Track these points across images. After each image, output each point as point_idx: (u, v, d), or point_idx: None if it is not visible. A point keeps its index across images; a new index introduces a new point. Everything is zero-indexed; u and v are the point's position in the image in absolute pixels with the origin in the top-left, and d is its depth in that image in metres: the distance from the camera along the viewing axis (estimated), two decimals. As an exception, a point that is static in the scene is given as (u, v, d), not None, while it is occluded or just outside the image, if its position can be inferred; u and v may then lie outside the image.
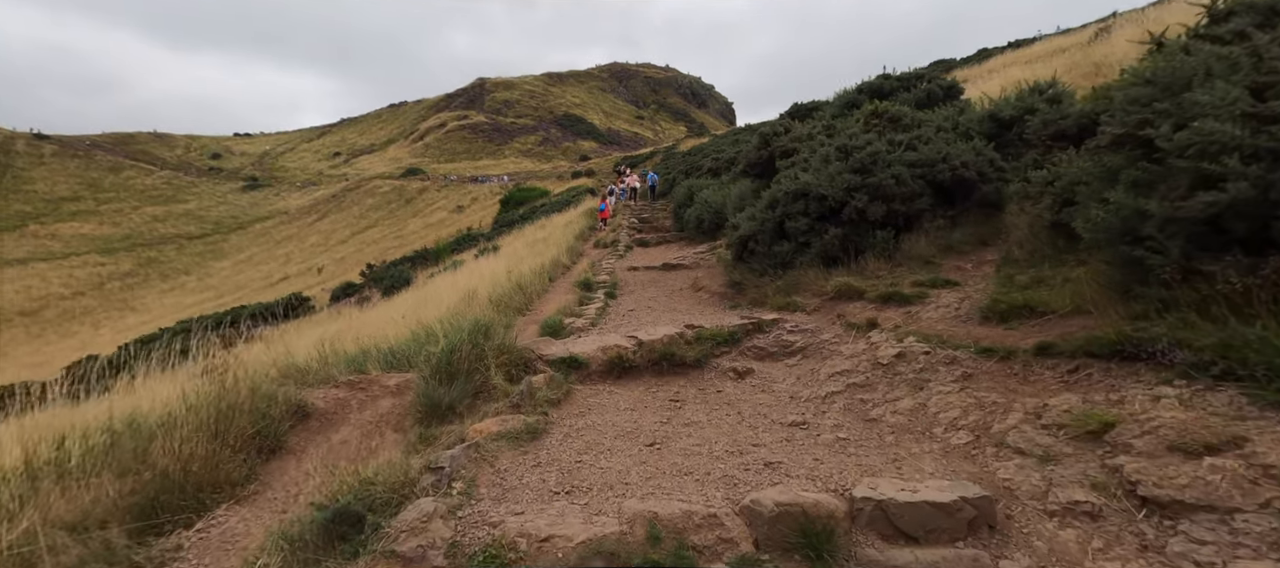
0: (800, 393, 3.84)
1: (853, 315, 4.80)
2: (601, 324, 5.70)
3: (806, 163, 6.66)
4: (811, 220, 6.00)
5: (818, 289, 5.66)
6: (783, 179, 6.51)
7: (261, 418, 3.03)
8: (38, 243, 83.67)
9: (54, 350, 42.99)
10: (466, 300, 7.54)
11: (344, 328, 11.82)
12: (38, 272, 75.18)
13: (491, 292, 8.13)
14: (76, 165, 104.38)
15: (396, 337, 5.71)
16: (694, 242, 15.19)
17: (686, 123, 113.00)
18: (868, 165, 5.64)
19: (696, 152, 33.98)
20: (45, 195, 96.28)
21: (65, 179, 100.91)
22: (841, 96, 9.20)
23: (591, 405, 3.76)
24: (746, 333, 4.97)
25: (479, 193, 66.55)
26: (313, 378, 3.88)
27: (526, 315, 7.38)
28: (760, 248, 6.56)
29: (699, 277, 9.58)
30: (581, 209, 25.14)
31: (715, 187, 15.88)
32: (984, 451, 2.47)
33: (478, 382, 3.65)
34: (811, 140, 8.10)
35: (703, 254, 12.60)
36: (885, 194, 5.43)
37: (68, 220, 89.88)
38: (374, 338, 6.50)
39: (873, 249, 5.50)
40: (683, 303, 7.37)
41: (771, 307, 5.98)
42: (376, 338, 6.26)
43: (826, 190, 5.78)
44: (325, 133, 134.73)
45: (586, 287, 8.19)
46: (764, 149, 8.52)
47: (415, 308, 8.50)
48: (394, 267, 32.70)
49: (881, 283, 5.13)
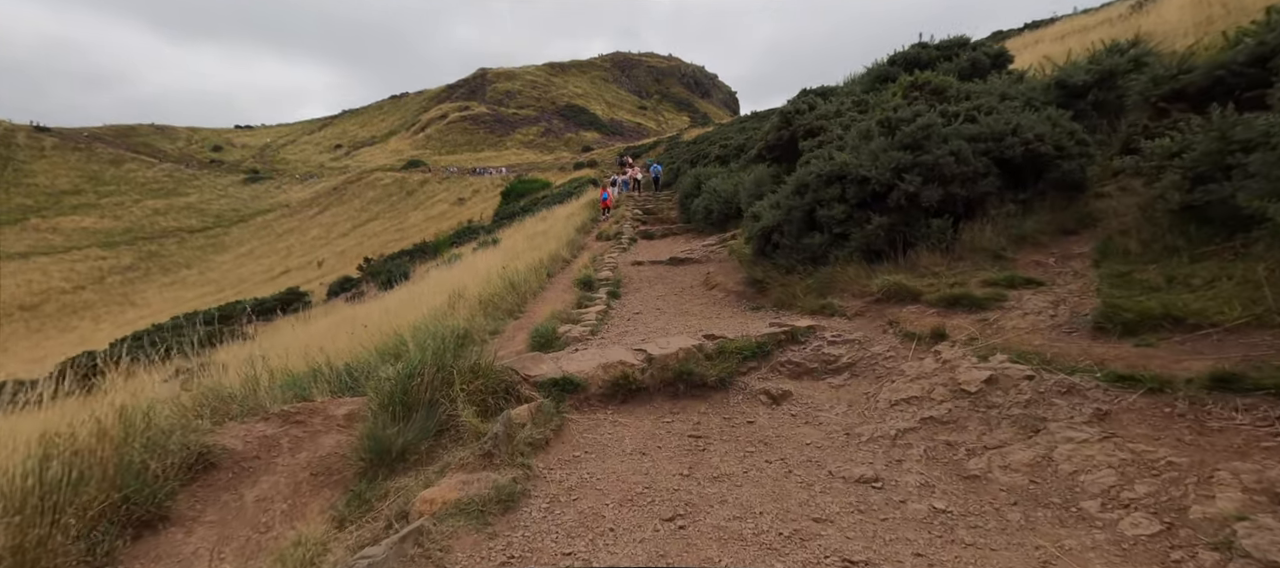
0: (858, 428, 2.98)
1: (909, 322, 3.92)
2: (603, 332, 4.84)
3: (841, 141, 5.74)
4: (850, 207, 5.11)
5: (859, 289, 4.77)
6: (813, 160, 5.60)
7: (133, 477, 2.19)
8: (39, 236, 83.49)
9: (54, 345, 42.58)
10: (452, 302, 6.68)
11: (324, 330, 11.01)
12: (39, 266, 75.05)
13: (481, 291, 7.27)
14: (77, 158, 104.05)
15: (365, 346, 4.87)
16: (702, 234, 14.29)
17: (690, 113, 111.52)
18: (919, 141, 4.73)
19: (702, 140, 32.96)
20: (46, 189, 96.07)
21: (66, 172, 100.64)
22: (872, 70, 8.25)
23: (589, 447, 2.90)
24: (778, 344, 4.10)
25: (480, 185, 65.66)
26: (238, 408, 3.04)
27: (519, 318, 6.52)
28: (786, 241, 5.67)
29: (711, 272, 8.69)
30: (583, 201, 24.26)
31: (724, 175, 14.94)
32: (1196, 558, 1.60)
33: (442, 416, 2.80)
34: (840, 117, 7.17)
35: (713, 247, 11.70)
36: (942, 175, 4.53)
37: (69, 214, 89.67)
38: (337, 349, 5.66)
39: (926, 241, 4.61)
40: (695, 303, 6.49)
41: (802, 310, 5.10)
42: (341, 349, 5.42)
43: (869, 171, 4.88)
44: (326, 125, 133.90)
45: (587, 285, 7.32)
46: (785, 129, 7.60)
47: (399, 308, 7.66)
48: (392, 261, 31.99)
49: (941, 282, 4.23)
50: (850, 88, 8.26)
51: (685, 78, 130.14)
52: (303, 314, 25.25)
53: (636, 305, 6.48)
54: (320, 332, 11.37)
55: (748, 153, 17.37)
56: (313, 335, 11.45)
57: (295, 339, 10.77)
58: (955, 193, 4.51)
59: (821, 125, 7.13)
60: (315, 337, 10.89)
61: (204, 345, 17.19)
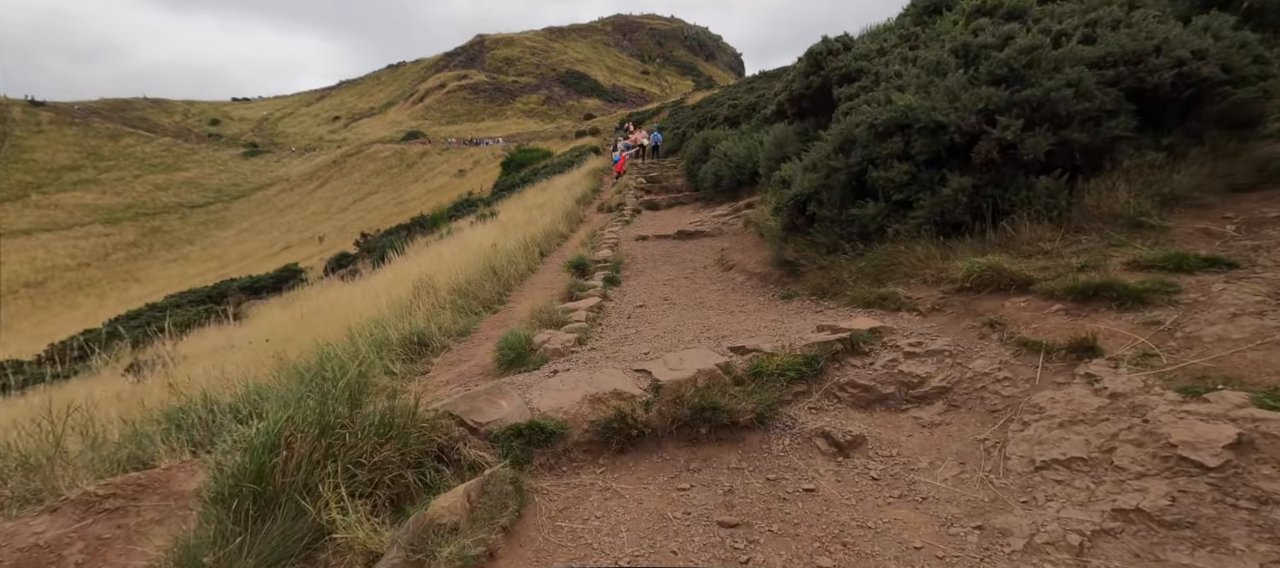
0: (994, 518, 1.85)
1: (1022, 324, 2.76)
2: (595, 338, 3.70)
3: (898, 79, 4.46)
4: (915, 166, 3.88)
5: (933, 274, 3.59)
6: (863, 108, 4.34)
7: None
8: (41, 213, 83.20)
9: (59, 323, 42.33)
10: (416, 295, 5.56)
11: (298, 318, 10.01)
12: (42, 242, 75.03)
13: (457, 278, 6.13)
14: (75, 133, 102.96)
15: (290, 358, 3.78)
16: (711, 202, 13.02)
17: (694, 76, 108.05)
18: (1019, 71, 3.47)
19: (708, 103, 31.22)
20: (45, 164, 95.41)
21: (64, 147, 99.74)
22: (916, 2, 6.84)
23: (562, 545, 1.80)
24: (833, 356, 2.95)
25: (480, 156, 64.01)
26: (14, 490, 1.94)
27: (498, 311, 5.40)
28: (826, 211, 4.46)
29: (726, 249, 7.49)
30: (584, 170, 22.94)
31: (735, 137, 13.57)
32: None
33: (318, 520, 1.69)
34: (884, 55, 5.85)
35: (725, 218, 10.45)
36: (1054, 115, 3.29)
37: (70, 190, 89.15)
38: (301, 344, 4.60)
39: (1028, 207, 3.40)
40: (711, 291, 5.33)
41: (853, 301, 3.94)
42: (304, 344, 4.35)
43: (945, 116, 3.63)
44: (324, 96, 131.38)
45: (580, 269, 6.16)
46: (814, 75, 6.28)
47: (360, 300, 6.55)
48: (389, 236, 31.01)
49: (1060, 264, 3.04)
50: (885, 30, 6.88)
51: (688, 40, 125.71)
52: (293, 293, 24.49)
53: (639, 294, 5.33)
54: (292, 320, 10.40)
55: (761, 112, 15.90)
56: (285, 323, 10.46)
57: (271, 324, 9.77)
58: (1072, 139, 3.27)
59: (862, 67, 5.81)
60: (285, 325, 9.90)
61: (177, 332, 16.04)
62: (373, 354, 3.71)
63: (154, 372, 8.14)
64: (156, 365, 8.59)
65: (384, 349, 3.85)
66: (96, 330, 24.25)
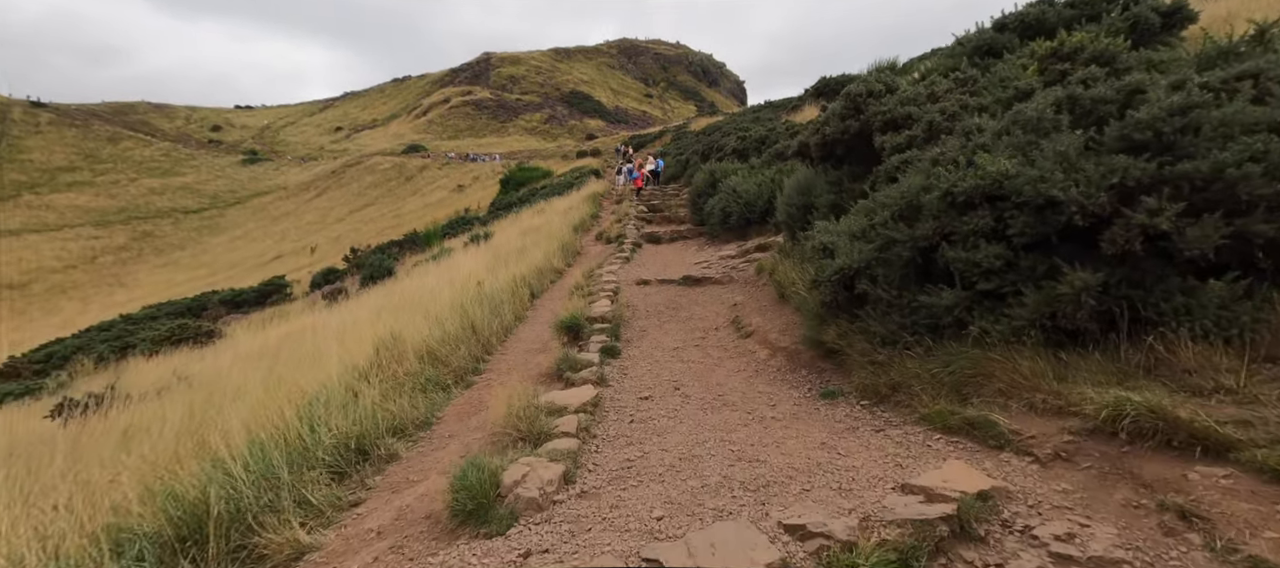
0: None
1: (1245, 527, 1.80)
2: (586, 468, 2.69)
3: (977, 136, 3.57)
4: (1011, 250, 2.97)
5: (1047, 400, 2.65)
6: (937, 170, 3.44)
7: None
8: (31, 213, 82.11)
9: (37, 327, 41.03)
10: (377, 357, 4.57)
11: (266, 348, 9.01)
12: (30, 243, 73.92)
13: (429, 335, 5.15)
14: (74, 135, 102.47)
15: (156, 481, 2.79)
16: (717, 239, 12.15)
17: (697, 102, 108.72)
18: (1169, 137, 2.58)
19: (713, 130, 30.68)
20: (41, 165, 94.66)
21: (62, 149, 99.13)
22: (966, 40, 6.03)
23: None
24: (937, 547, 1.99)
25: (480, 172, 63.49)
26: None
27: (472, 387, 4.41)
28: (883, 292, 3.53)
29: (740, 305, 6.56)
30: (584, 194, 22.17)
31: (745, 172, 12.78)
32: None
33: None
34: (937, 102, 5.00)
35: (734, 261, 9.54)
36: (1227, 198, 2.39)
37: (63, 191, 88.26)
38: (246, 403, 3.62)
39: (1189, 319, 2.47)
40: (730, 373, 4.36)
41: (927, 421, 2.99)
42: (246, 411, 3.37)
43: (1061, 190, 2.73)
44: (328, 107, 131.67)
45: (573, 331, 5.19)
46: (852, 119, 5.41)
47: (308, 358, 5.55)
48: (380, 252, 30.06)
49: (1267, 415, 2.10)
50: (932, 72, 6.06)
51: (692, 66, 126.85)
52: (275, 308, 23.50)
53: (644, 375, 4.35)
54: (257, 351, 9.40)
55: (772, 147, 15.14)
56: (245, 358, 9.44)
57: (237, 354, 8.76)
58: (1254, 231, 2.37)
59: (910, 114, 4.96)
60: (243, 363, 8.88)
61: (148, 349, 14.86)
62: (286, 473, 2.71)
63: (79, 417, 7.10)
64: (88, 406, 7.53)
65: (306, 463, 2.86)
66: (64, 341, 23.07)
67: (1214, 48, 3.60)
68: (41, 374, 18.07)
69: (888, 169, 4.42)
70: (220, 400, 5.04)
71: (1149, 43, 4.88)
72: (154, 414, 5.12)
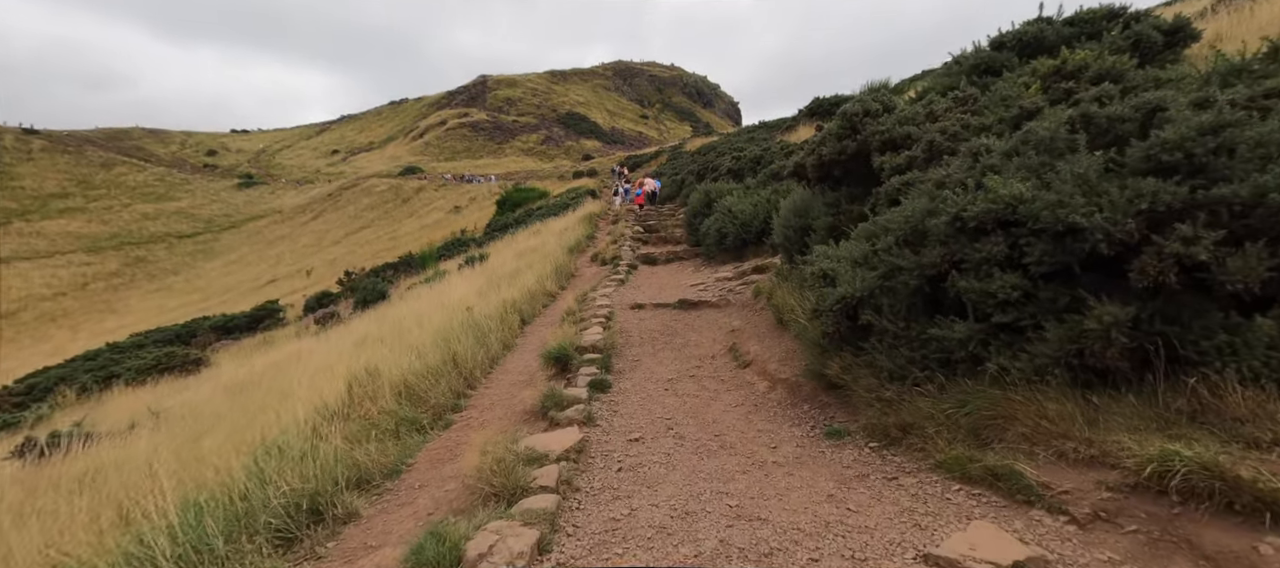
0: None
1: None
2: (566, 531, 2.39)
3: (985, 157, 3.37)
4: (1029, 280, 2.73)
5: (1078, 448, 2.39)
6: (944, 194, 3.22)
7: None
8: (22, 240, 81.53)
9: (26, 355, 40.34)
10: (350, 394, 4.28)
11: (249, 379, 8.69)
12: (20, 271, 73.21)
13: (408, 368, 4.87)
14: (67, 161, 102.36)
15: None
16: (713, 260, 11.94)
17: (692, 122, 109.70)
18: (1201, 158, 2.37)
19: (708, 150, 30.74)
20: (33, 192, 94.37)
21: (54, 175, 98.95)
22: (964, 59, 5.89)
23: None
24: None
25: (477, 193, 63.48)
26: None
27: (449, 428, 4.11)
28: (890, 324, 3.28)
29: (737, 331, 6.30)
30: (580, 214, 22.03)
31: (740, 192, 12.63)
32: None
33: None
34: (936, 122, 4.82)
35: (731, 284, 9.31)
36: (1274, 226, 2.17)
37: (55, 218, 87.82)
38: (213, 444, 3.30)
39: (1234, 359, 2.23)
40: (727, 408, 4.09)
41: (943, 468, 2.72)
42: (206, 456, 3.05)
43: (1083, 216, 2.51)
44: (325, 130, 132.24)
45: (562, 363, 4.91)
46: (849, 139, 5.23)
47: (296, 385, 5.26)
48: (375, 275, 29.78)
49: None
50: (929, 91, 5.91)
51: (687, 87, 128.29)
52: (263, 337, 23.13)
53: (635, 412, 4.06)
54: (237, 385, 9.08)
55: (766, 166, 15.04)
56: (225, 388, 9.13)
57: (227, 375, 8.40)
58: (1300, 264, 2.15)
59: (909, 134, 4.77)
60: (225, 394, 8.58)
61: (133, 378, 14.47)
62: (222, 543, 2.41)
63: (45, 459, 6.72)
64: (57, 445, 7.16)
65: (249, 529, 2.56)
66: (48, 371, 22.61)
67: (1226, 65, 3.42)
68: (22, 406, 17.57)
69: (888, 191, 4.21)
70: (179, 443, 4.74)
71: (1152, 61, 4.73)
72: (111, 458, 4.80)
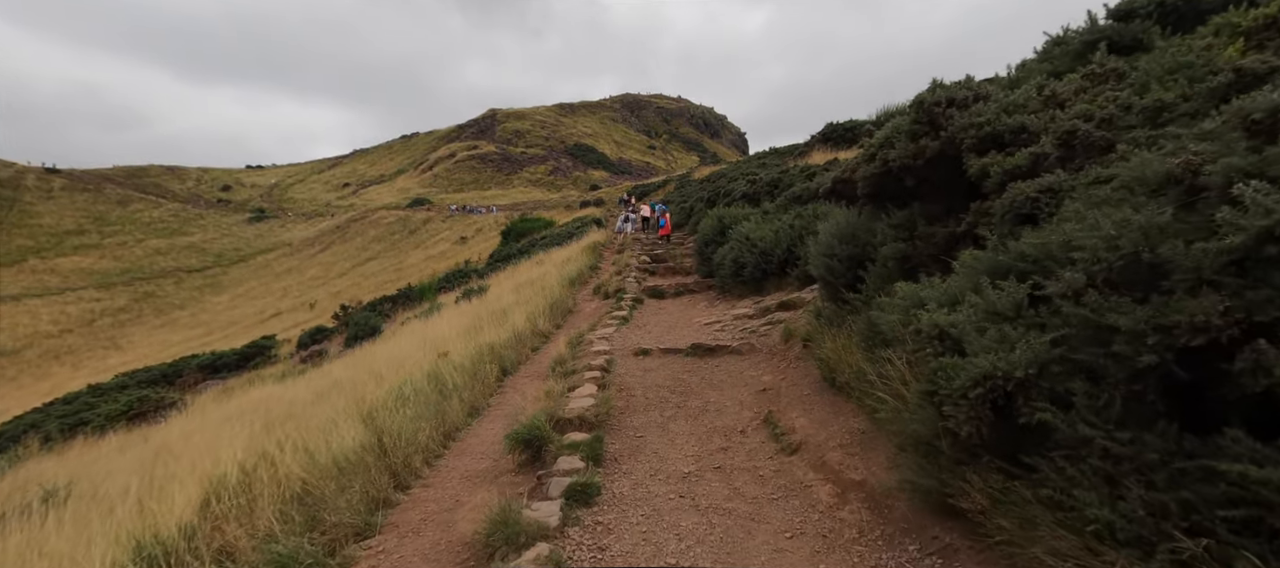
0: None
1: None
2: None
3: (1199, 132, 1.95)
4: None
5: None
6: (1226, 211, 1.79)
7: None
8: (35, 278, 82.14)
9: (27, 394, 39.51)
10: (208, 512, 2.84)
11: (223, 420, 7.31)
12: (29, 308, 73.41)
13: (352, 443, 3.43)
14: (85, 199, 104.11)
15: None
16: (728, 294, 10.47)
17: (699, 152, 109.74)
18: None
19: (719, 176, 29.60)
20: (50, 229, 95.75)
21: (72, 213, 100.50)
22: (1068, 38, 4.55)
23: None
24: None
25: (484, 223, 62.92)
26: None
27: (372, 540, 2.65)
28: (1091, 429, 1.80)
29: (774, 392, 4.83)
30: (583, 244, 20.81)
31: (758, 218, 11.24)
32: None
33: None
34: (1063, 107, 3.44)
35: (753, 323, 7.83)
36: None
37: (70, 254, 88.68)
38: None
39: None
40: (779, 540, 2.62)
41: None
42: None
43: None
44: (336, 164, 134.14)
45: (534, 449, 3.45)
46: (928, 137, 3.81)
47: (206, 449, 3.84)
48: (369, 310, 28.59)
49: None
50: (1023, 76, 4.57)
51: (694, 118, 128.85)
52: (251, 375, 21.96)
53: (631, 549, 2.58)
54: (173, 442, 7.71)
55: (786, 189, 13.71)
56: (157, 449, 7.72)
57: (177, 429, 7.03)
58: None
59: (1024, 125, 3.39)
60: (154, 457, 7.19)
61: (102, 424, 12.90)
62: None
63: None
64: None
65: None
66: (21, 418, 21.52)
67: None
68: (-10, 453, 16.34)
69: (1011, 204, 2.79)
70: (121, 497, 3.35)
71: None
72: None
